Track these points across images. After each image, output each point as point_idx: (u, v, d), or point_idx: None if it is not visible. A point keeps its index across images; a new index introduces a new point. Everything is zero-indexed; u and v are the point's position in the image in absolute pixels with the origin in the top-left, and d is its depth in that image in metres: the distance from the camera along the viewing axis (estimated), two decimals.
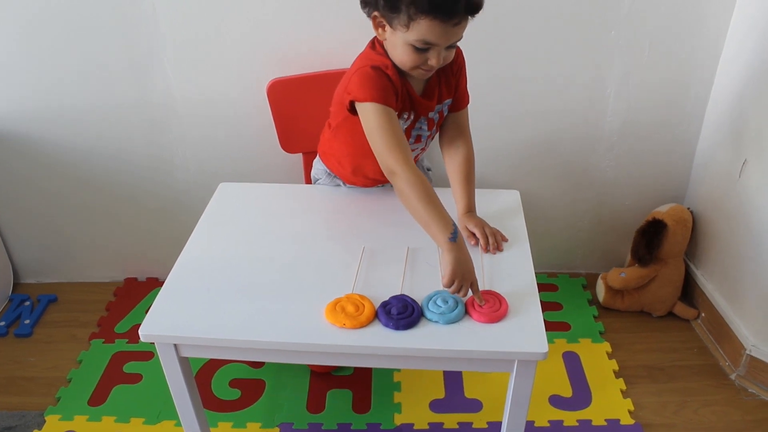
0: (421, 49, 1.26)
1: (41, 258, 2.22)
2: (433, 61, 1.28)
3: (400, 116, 1.38)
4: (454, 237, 1.24)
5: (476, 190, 1.51)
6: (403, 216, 1.48)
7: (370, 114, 1.32)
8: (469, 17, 1.25)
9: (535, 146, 2.00)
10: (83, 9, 1.76)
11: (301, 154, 1.89)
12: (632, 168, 2.05)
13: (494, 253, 1.37)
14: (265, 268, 1.33)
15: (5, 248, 2.19)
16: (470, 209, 1.47)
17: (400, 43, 1.28)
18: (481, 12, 1.26)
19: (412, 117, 1.42)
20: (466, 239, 1.38)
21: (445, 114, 1.49)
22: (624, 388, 1.81)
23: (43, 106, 1.92)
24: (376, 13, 1.28)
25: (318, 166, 1.66)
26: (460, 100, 1.48)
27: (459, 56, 1.44)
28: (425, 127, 1.46)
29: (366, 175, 1.54)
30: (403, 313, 1.19)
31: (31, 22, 1.78)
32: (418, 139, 1.48)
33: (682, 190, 2.11)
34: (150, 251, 2.19)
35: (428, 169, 1.71)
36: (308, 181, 1.86)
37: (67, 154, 2.00)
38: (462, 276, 1.21)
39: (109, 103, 1.91)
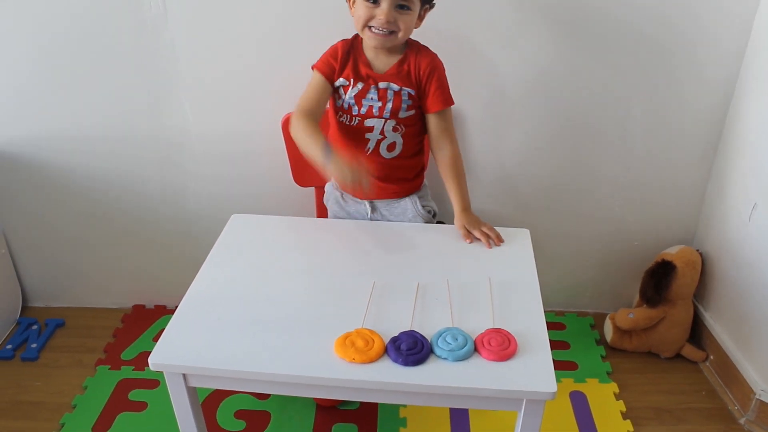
0: (371, 2, 1.42)
1: (50, 282, 2.24)
2: (382, 16, 1.42)
3: (346, 82, 1.54)
4: (327, 156, 1.38)
5: None
6: (413, 251, 1.51)
7: (311, 77, 1.57)
8: None
9: (544, 185, 2.02)
10: (104, 40, 1.80)
11: (313, 188, 1.91)
12: (641, 208, 2.05)
13: (498, 245, 1.52)
14: (276, 301, 1.33)
15: (15, 271, 2.20)
16: (465, 207, 1.58)
17: (357, 1, 1.44)
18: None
19: (359, 85, 1.53)
20: (463, 238, 1.54)
21: (405, 103, 1.54)
22: (631, 429, 1.80)
23: (57, 133, 1.95)
24: None
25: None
26: (434, 100, 1.55)
27: (432, 60, 1.54)
28: (375, 98, 1.53)
29: None
30: (412, 349, 1.19)
31: (52, 51, 1.82)
32: (369, 111, 1.54)
33: (691, 231, 2.11)
34: (159, 279, 2.20)
35: (429, 209, 1.71)
36: (320, 214, 1.88)
37: (80, 180, 2.02)
38: (339, 176, 1.36)
39: (124, 130, 1.94)
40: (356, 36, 1.55)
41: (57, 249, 2.16)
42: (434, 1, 1.50)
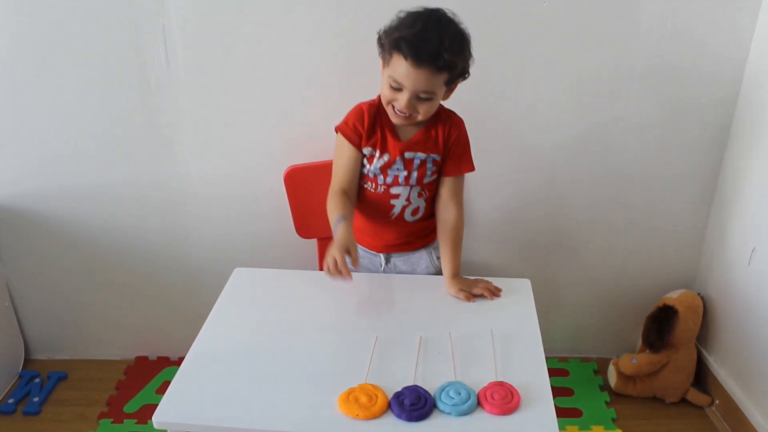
0: (394, 87, 1.40)
1: (53, 334, 2.23)
2: (401, 103, 1.40)
3: (372, 151, 1.53)
4: (334, 230, 1.45)
5: (488, 278, 1.54)
6: (415, 304, 1.51)
7: (336, 143, 1.56)
8: (439, 74, 1.36)
9: (544, 233, 2.03)
10: (108, 93, 1.84)
11: (315, 240, 1.92)
12: (642, 254, 2.07)
13: (498, 295, 1.52)
14: (279, 356, 1.33)
15: (18, 323, 2.20)
16: (456, 274, 1.56)
17: (384, 78, 1.43)
18: (461, 80, 1.43)
19: (386, 156, 1.52)
20: (464, 300, 1.50)
21: (431, 169, 1.54)
22: None
23: (61, 188, 1.98)
24: (379, 50, 1.43)
25: None
26: (453, 166, 1.56)
27: (459, 127, 1.54)
28: (401, 167, 1.53)
29: (359, 229, 1.64)
30: (416, 404, 1.19)
31: (55, 105, 1.86)
32: (395, 180, 1.54)
33: (692, 275, 2.12)
34: (161, 330, 2.20)
35: (440, 259, 1.72)
36: (322, 267, 1.89)
37: (82, 231, 2.04)
38: (329, 257, 1.39)
39: (128, 184, 1.96)
40: (379, 101, 1.52)
41: (60, 301, 2.17)
42: (467, 75, 1.46)
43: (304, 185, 1.81)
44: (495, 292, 1.52)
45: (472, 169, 1.57)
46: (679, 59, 1.80)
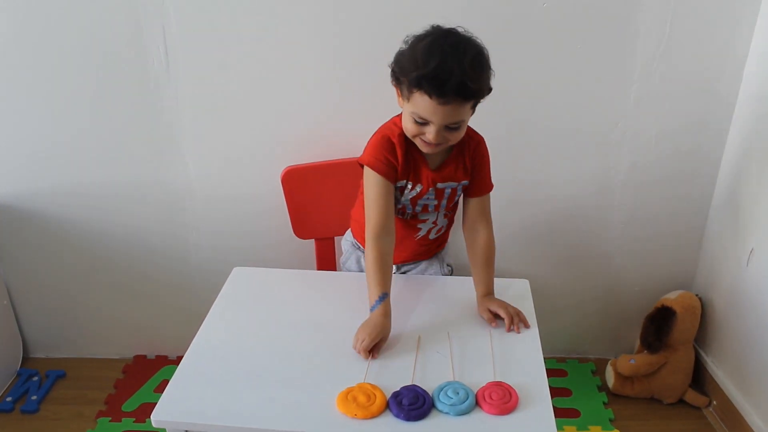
0: (419, 122, 1.33)
1: (51, 333, 2.24)
2: (430, 136, 1.33)
3: (404, 184, 1.45)
4: (373, 307, 1.37)
5: None
6: (414, 304, 1.51)
7: (367, 179, 1.45)
8: (467, 103, 1.30)
9: (543, 233, 2.04)
10: (107, 94, 1.84)
11: (313, 240, 1.93)
12: (640, 255, 2.07)
13: (518, 332, 1.40)
14: (278, 356, 1.34)
15: (16, 322, 2.20)
16: (489, 292, 1.49)
17: (406, 112, 1.35)
18: (485, 100, 1.33)
19: (418, 187, 1.46)
20: (488, 322, 1.42)
21: (459, 193, 1.52)
22: None
23: (60, 187, 1.98)
24: (393, 82, 1.36)
25: (346, 238, 1.72)
26: (479, 187, 1.52)
27: (481, 147, 1.50)
28: (432, 197, 1.49)
29: None
30: (414, 404, 1.19)
31: (54, 105, 1.86)
32: (425, 208, 1.52)
33: (690, 276, 2.12)
34: (160, 329, 2.20)
35: (449, 265, 1.73)
36: (320, 266, 1.90)
37: (81, 231, 2.04)
38: (361, 334, 1.32)
39: (127, 184, 1.96)
40: (401, 129, 1.41)
41: (58, 300, 2.17)
42: (491, 90, 1.36)
43: (302, 186, 1.81)
44: (516, 323, 1.41)
45: (492, 186, 1.54)
46: (677, 61, 1.80)
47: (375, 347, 1.32)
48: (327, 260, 1.92)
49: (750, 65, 1.81)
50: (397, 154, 1.41)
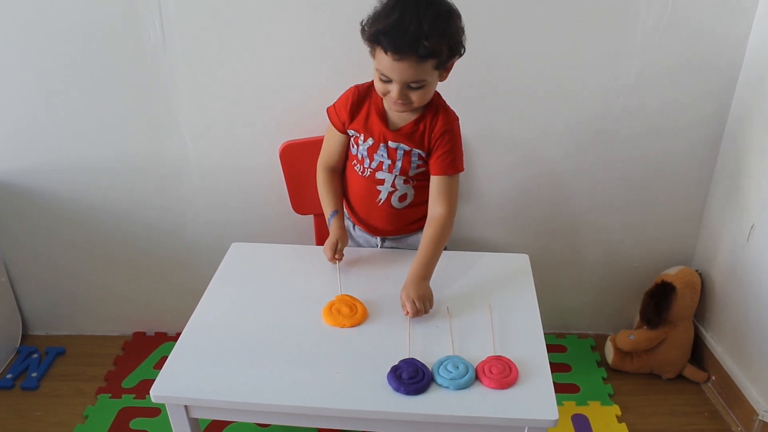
0: (384, 80, 1.38)
1: (50, 310, 2.23)
2: (393, 94, 1.38)
3: (356, 133, 1.53)
4: (329, 222, 1.58)
5: (487, 253, 1.55)
6: None
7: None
8: (424, 62, 1.31)
9: (543, 208, 2.03)
10: (103, 69, 1.82)
11: (312, 216, 1.92)
12: (640, 230, 2.06)
13: (413, 317, 1.36)
14: (276, 331, 1.34)
15: (15, 299, 2.20)
16: (415, 277, 1.41)
17: (374, 70, 1.40)
18: (456, 60, 1.39)
19: (370, 140, 1.51)
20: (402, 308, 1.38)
21: (415, 162, 1.52)
22: None
23: (57, 163, 1.96)
24: (364, 42, 1.39)
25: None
26: (437, 165, 1.50)
27: (448, 126, 1.48)
28: (385, 155, 1.52)
29: (352, 211, 1.67)
30: (413, 377, 1.19)
31: (50, 81, 1.84)
32: (380, 166, 1.54)
33: (690, 252, 2.12)
34: (159, 306, 2.20)
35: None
36: (319, 241, 1.89)
37: (79, 209, 2.03)
38: (325, 245, 1.53)
39: (123, 159, 1.95)
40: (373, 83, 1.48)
41: (57, 277, 2.17)
42: (463, 51, 1.39)
43: (300, 161, 1.80)
44: (416, 314, 1.36)
45: (455, 172, 1.50)
46: (678, 40, 1.78)
47: (338, 252, 1.51)
48: (326, 235, 1.90)
49: (753, 39, 1.78)
50: (347, 106, 1.52)
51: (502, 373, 1.21)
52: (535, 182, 1.98)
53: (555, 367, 1.96)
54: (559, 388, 1.95)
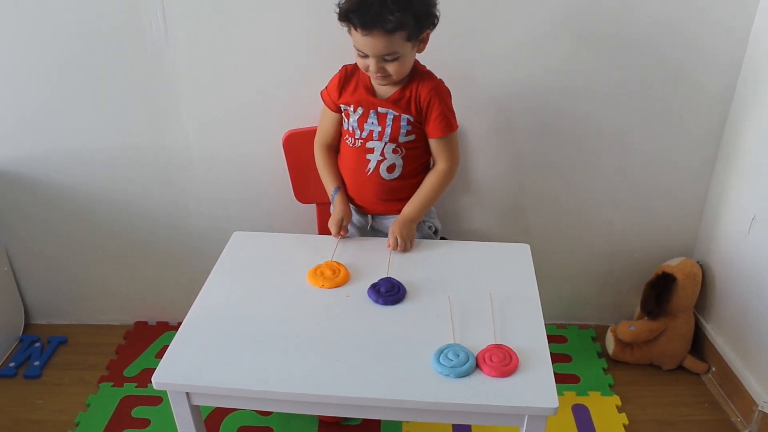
0: (361, 55, 1.46)
1: (53, 299, 2.24)
2: (371, 68, 1.46)
3: (347, 107, 1.60)
4: (332, 198, 1.65)
5: (488, 243, 1.55)
6: (414, 267, 1.51)
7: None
8: (391, 35, 1.39)
9: (544, 201, 2.03)
10: (105, 60, 1.82)
11: (314, 205, 1.92)
12: (641, 221, 2.06)
13: (396, 250, 1.55)
14: (277, 318, 1.34)
15: (18, 289, 2.21)
16: (413, 219, 1.60)
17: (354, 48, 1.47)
18: (423, 32, 1.44)
19: (359, 110, 1.58)
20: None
21: (405, 128, 1.57)
22: None
23: (60, 153, 1.96)
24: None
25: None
26: (433, 127, 1.57)
27: (435, 89, 1.54)
28: (376, 122, 1.57)
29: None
30: (390, 291, 1.37)
31: (53, 71, 1.84)
32: (370, 134, 1.59)
33: (692, 243, 2.11)
34: (161, 295, 2.21)
35: (431, 227, 1.74)
36: (321, 231, 1.89)
37: (82, 197, 2.03)
38: (330, 220, 1.60)
39: (126, 149, 1.95)
40: None
41: (59, 266, 2.17)
42: (436, 21, 1.47)
43: (303, 150, 1.80)
44: (396, 248, 1.56)
45: (451, 131, 1.58)
46: (681, 24, 1.77)
47: (343, 228, 1.59)
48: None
49: (755, 32, 1.78)
50: (336, 85, 1.60)
51: (502, 361, 1.21)
52: (537, 173, 1.98)
53: (555, 358, 1.97)
54: (560, 379, 1.96)
